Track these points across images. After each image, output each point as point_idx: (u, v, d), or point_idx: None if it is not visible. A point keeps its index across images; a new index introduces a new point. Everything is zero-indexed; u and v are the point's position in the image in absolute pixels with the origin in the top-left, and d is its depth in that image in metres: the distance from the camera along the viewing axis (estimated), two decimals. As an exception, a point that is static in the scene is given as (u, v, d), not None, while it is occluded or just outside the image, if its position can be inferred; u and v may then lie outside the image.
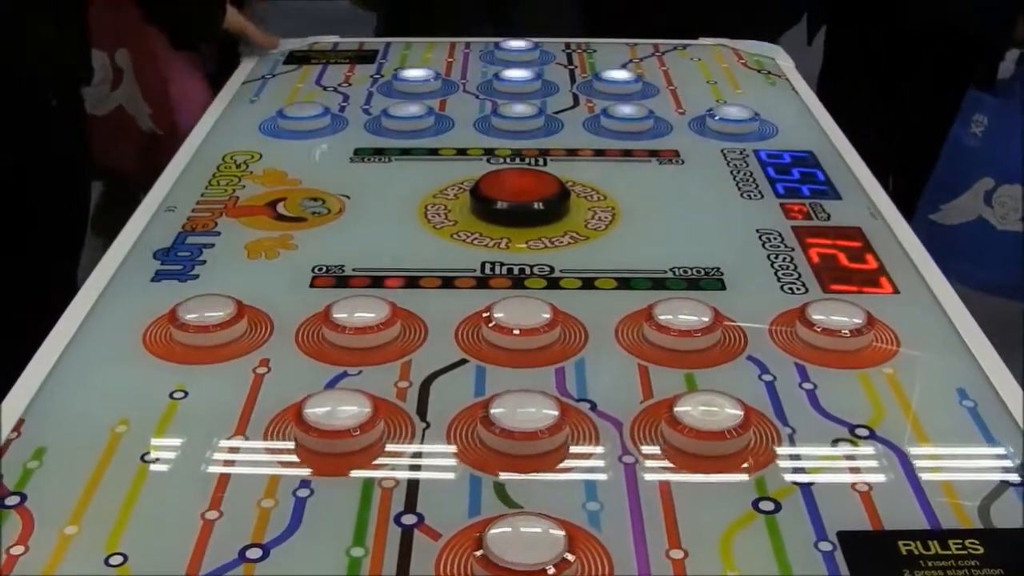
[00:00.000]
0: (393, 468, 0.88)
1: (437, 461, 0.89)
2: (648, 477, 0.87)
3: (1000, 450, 0.90)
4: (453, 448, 0.90)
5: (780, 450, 0.89)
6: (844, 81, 2.57)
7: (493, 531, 0.78)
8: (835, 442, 0.91)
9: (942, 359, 1.02)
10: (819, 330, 1.02)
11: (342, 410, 0.90)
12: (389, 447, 0.90)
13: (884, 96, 2.55)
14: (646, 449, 0.89)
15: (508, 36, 1.90)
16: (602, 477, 0.87)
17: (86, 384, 0.99)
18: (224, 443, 0.90)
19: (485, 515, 0.82)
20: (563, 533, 0.78)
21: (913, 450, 0.89)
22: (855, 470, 0.88)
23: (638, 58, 1.84)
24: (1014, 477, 0.86)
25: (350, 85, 1.71)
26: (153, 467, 0.87)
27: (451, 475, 0.87)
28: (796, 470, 0.87)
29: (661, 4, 2.28)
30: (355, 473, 0.87)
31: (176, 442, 0.91)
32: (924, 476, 0.86)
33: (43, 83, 1.73)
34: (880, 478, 0.87)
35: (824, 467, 0.88)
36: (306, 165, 1.42)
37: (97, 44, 2.24)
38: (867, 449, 0.90)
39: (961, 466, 0.89)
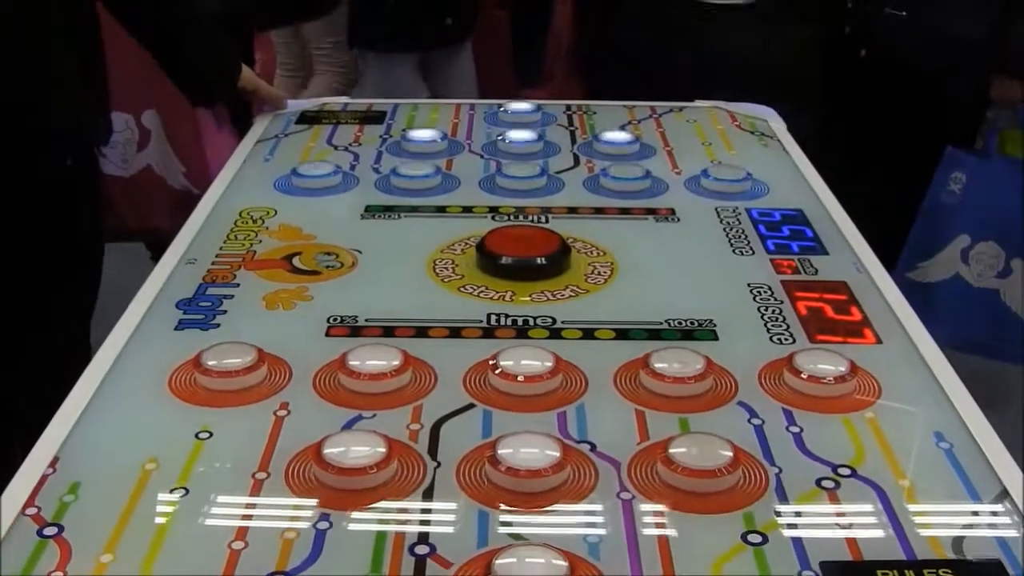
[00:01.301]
0: (407, 503, 0.94)
1: (447, 497, 0.95)
2: (644, 512, 0.93)
3: (973, 487, 0.96)
4: (462, 485, 0.96)
5: (768, 487, 0.96)
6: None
7: (500, 560, 0.84)
8: (819, 481, 0.97)
9: (921, 404, 1.09)
10: (805, 377, 1.09)
11: (359, 450, 0.97)
12: (402, 484, 0.96)
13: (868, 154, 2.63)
14: (642, 486, 0.96)
15: None
16: (601, 512, 0.93)
17: (116, 425, 1.05)
18: (248, 479, 0.96)
19: (493, 546, 0.88)
20: (566, 562, 0.84)
21: (892, 488, 0.96)
22: (837, 506, 0.94)
23: (636, 120, 1.91)
24: (985, 511, 0.93)
25: (360, 145, 1.78)
26: (182, 501, 0.94)
27: (460, 510, 0.93)
28: (782, 506, 0.93)
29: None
30: (371, 507, 0.93)
31: (203, 478, 0.97)
32: (901, 511, 0.93)
33: (61, 143, 1.81)
34: (860, 513, 0.93)
35: (808, 503, 0.94)
36: (320, 221, 1.49)
37: (122, 107, 2.33)
38: (849, 487, 0.96)
39: (936, 502, 0.95)
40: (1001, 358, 2.57)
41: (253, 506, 0.93)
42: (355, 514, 0.92)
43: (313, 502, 0.93)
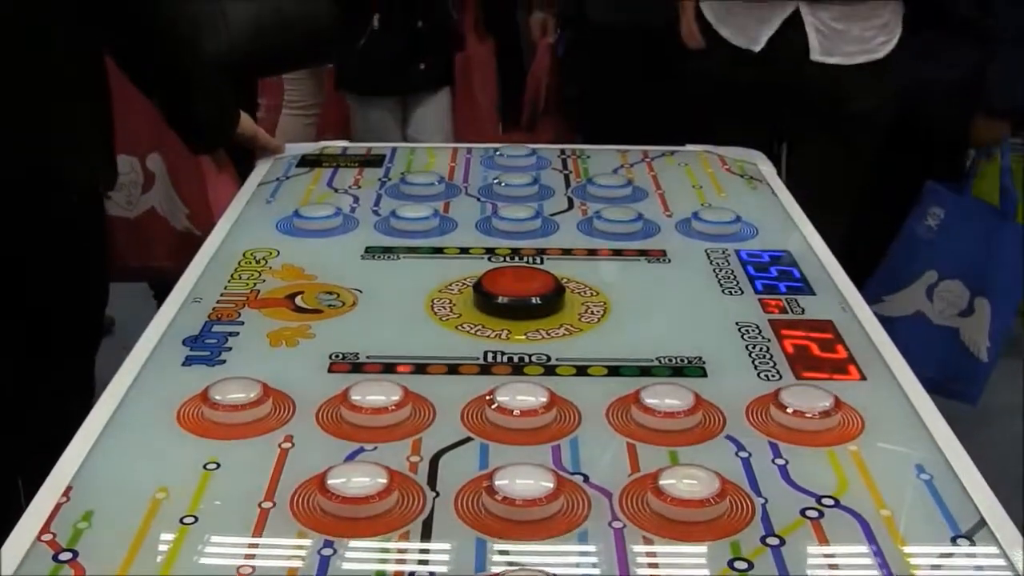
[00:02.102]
0: (407, 531, 0.97)
1: (446, 525, 0.99)
2: (635, 540, 0.97)
3: (952, 517, 1.00)
4: (460, 514, 1.00)
5: (754, 517, 1.00)
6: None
7: (497, 584, 0.89)
8: (803, 511, 1.01)
9: (903, 438, 1.13)
10: (790, 412, 1.13)
11: (361, 480, 1.01)
12: (403, 513, 0.99)
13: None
14: (634, 515, 0.99)
15: None
16: (594, 540, 0.97)
17: (127, 456, 1.09)
18: (255, 508, 1.00)
19: (490, 571, 0.92)
20: (560, 587, 0.88)
21: (873, 517, 0.99)
22: (820, 534, 0.98)
23: (629, 164, 1.95)
24: (962, 539, 0.97)
25: (360, 188, 1.83)
26: (192, 528, 0.97)
27: (459, 537, 0.97)
28: (768, 534, 0.97)
29: None
30: (373, 535, 0.97)
31: (212, 507, 1.01)
32: (883, 539, 0.97)
33: (68, 191, 1.85)
34: (843, 541, 0.97)
35: (793, 532, 0.98)
36: (321, 261, 1.53)
37: (128, 150, 2.39)
38: (832, 517, 1.00)
39: (916, 531, 0.99)
40: (952, 396, 2.62)
41: (259, 533, 0.97)
42: (357, 541, 0.96)
43: (317, 530, 0.97)
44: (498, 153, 1.98)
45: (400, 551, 0.95)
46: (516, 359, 1.27)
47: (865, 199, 2.58)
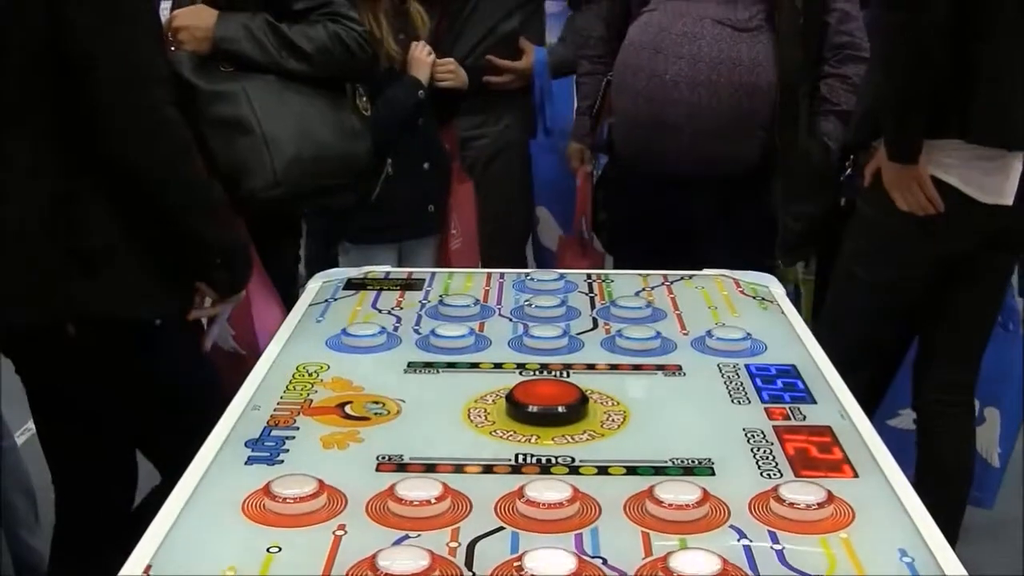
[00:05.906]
0: (446, 604, 1.11)
1: (481, 600, 1.13)
2: (647, 611, 1.10)
3: (928, 595, 1.13)
4: (493, 590, 1.14)
5: (752, 593, 1.13)
6: None
7: (526, 647, 1.02)
8: (796, 588, 1.14)
9: (888, 526, 1.26)
10: (788, 504, 1.26)
11: (407, 561, 1.14)
12: (443, 589, 1.13)
13: None
14: (646, 592, 1.13)
15: None
16: (611, 612, 1.11)
17: (199, 541, 1.24)
18: (314, 584, 1.14)
19: (519, 637, 1.05)
20: (580, 649, 1.02)
21: (858, 594, 1.13)
22: (811, 608, 1.11)
23: (650, 287, 2.10)
24: (937, 614, 1.10)
25: (402, 308, 1.98)
26: (260, 601, 1.12)
27: (492, 610, 1.11)
28: (763, 607, 1.10)
29: None
30: (417, 608, 1.11)
31: (276, 583, 1.15)
32: (865, 613, 1.10)
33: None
34: (830, 614, 1.10)
35: (786, 605, 1.11)
36: (368, 375, 1.68)
37: None
38: (822, 594, 1.13)
39: (895, 606, 1.12)
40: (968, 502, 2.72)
41: (318, 605, 1.11)
42: (404, 613, 1.10)
43: (368, 603, 1.11)
44: (529, 278, 2.13)
45: (441, 621, 1.09)
46: (544, 460, 1.41)
47: None
